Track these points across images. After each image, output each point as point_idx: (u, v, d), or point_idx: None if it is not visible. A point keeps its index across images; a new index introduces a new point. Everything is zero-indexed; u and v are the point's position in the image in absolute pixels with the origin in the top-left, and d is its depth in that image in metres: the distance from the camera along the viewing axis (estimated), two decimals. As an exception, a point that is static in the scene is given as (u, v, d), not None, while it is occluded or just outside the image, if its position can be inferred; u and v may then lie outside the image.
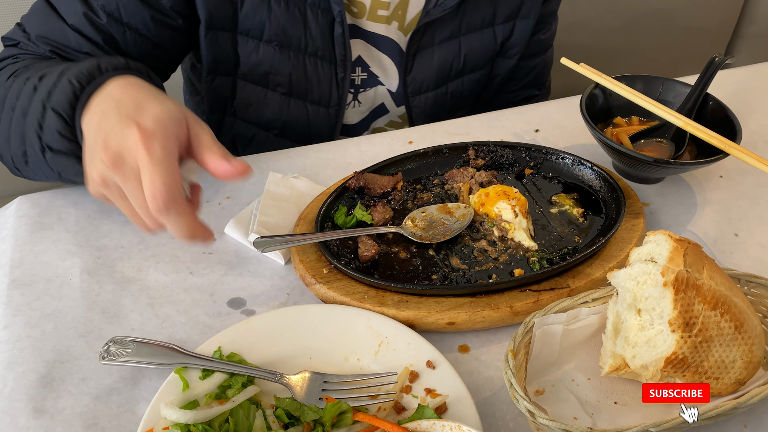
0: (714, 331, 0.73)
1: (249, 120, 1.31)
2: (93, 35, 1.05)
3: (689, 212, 1.09)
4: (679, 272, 0.72)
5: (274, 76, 1.22)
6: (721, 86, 1.21)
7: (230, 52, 1.19)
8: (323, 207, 1.01)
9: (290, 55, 1.19)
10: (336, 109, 1.27)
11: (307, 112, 1.27)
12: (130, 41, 1.08)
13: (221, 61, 1.21)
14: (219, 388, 0.78)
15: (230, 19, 1.15)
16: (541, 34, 1.40)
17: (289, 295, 0.94)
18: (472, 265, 0.95)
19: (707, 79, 1.12)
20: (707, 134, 1.04)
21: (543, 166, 1.11)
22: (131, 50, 1.09)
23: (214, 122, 1.33)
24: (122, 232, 1.01)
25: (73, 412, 0.79)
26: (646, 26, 2.34)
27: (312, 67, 1.21)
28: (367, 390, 0.79)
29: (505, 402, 0.82)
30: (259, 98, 1.26)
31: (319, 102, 1.26)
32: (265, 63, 1.20)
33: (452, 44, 1.27)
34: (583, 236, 1.00)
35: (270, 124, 1.30)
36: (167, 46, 1.14)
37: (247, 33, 1.17)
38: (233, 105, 1.29)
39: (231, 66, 1.22)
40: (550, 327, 0.80)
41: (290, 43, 1.18)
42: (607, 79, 1.12)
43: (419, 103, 1.31)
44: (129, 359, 0.81)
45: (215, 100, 1.29)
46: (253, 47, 1.18)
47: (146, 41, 1.10)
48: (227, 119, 1.32)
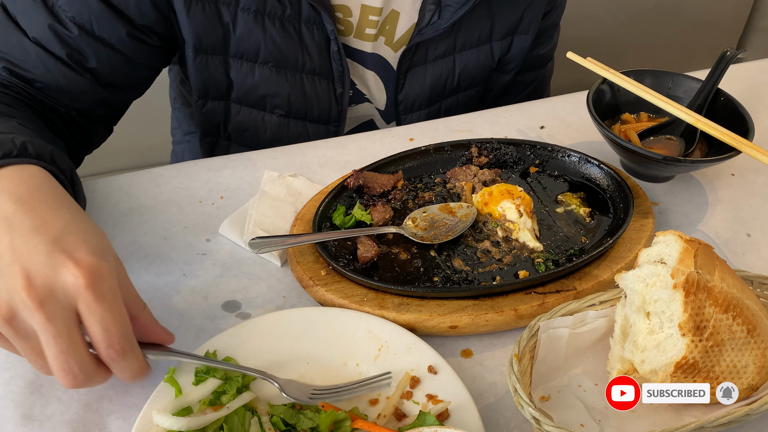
0: (726, 335, 0.73)
1: (246, 144, 1.29)
2: (57, 49, 1.01)
3: (700, 212, 1.09)
4: (689, 274, 0.72)
5: (272, 99, 1.20)
6: (733, 81, 1.21)
7: (221, 76, 1.17)
8: (321, 207, 1.01)
9: (287, 75, 1.17)
10: (336, 125, 1.26)
11: (307, 131, 1.26)
12: (102, 56, 1.04)
13: (212, 86, 1.19)
14: (213, 394, 0.78)
15: (221, 42, 1.13)
16: (540, 49, 1.38)
17: (286, 298, 0.94)
18: (475, 267, 0.95)
19: (719, 73, 1.12)
20: (718, 131, 1.04)
21: (548, 164, 1.11)
22: (102, 66, 1.05)
23: (207, 144, 1.32)
24: (113, 233, 1.01)
25: (62, 420, 0.79)
26: (655, 19, 2.34)
27: (310, 85, 1.19)
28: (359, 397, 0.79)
29: (509, 408, 0.82)
30: (256, 122, 1.24)
31: (319, 120, 1.25)
32: (261, 86, 1.18)
33: (446, 62, 1.25)
34: (590, 237, 1.00)
35: (268, 146, 1.28)
36: (143, 62, 1.11)
37: (240, 56, 1.14)
38: (227, 129, 1.27)
39: (223, 90, 1.20)
40: (556, 331, 0.80)
41: (287, 63, 1.16)
42: (615, 74, 1.12)
43: (411, 121, 1.30)
44: None
45: (207, 124, 1.27)
46: (248, 70, 1.16)
47: (119, 57, 1.06)
48: (221, 142, 1.31)
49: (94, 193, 1.08)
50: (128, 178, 1.11)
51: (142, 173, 1.13)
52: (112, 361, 0.71)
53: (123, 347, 0.70)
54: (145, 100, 1.23)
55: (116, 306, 0.70)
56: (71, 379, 0.70)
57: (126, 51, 1.07)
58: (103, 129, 1.16)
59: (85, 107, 1.08)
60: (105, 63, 1.06)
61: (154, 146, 2.00)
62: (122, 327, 0.70)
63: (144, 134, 2.03)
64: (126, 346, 0.70)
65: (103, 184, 1.09)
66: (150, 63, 1.14)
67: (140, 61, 1.11)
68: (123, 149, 1.93)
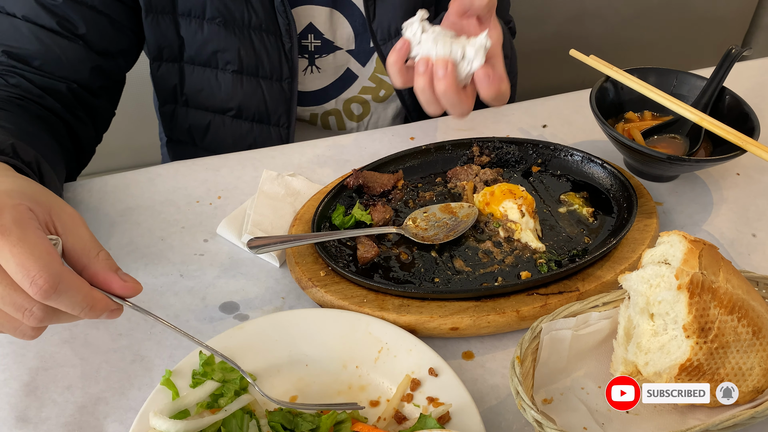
0: (731, 337, 0.73)
1: (202, 106, 1.31)
2: (47, 21, 1.07)
3: (704, 212, 1.09)
4: (694, 275, 0.72)
5: (222, 54, 1.23)
6: (738, 79, 1.21)
7: (173, 35, 1.21)
8: (320, 206, 1.01)
9: (235, 30, 1.20)
10: (289, 82, 1.26)
11: (261, 88, 1.27)
12: (89, 20, 1.10)
13: (165, 46, 1.22)
14: (211, 397, 0.78)
15: (169, 0, 1.17)
16: None
17: (285, 299, 0.94)
18: (477, 268, 0.95)
19: (723, 71, 1.12)
20: (723, 130, 1.04)
21: (551, 163, 1.11)
22: (91, 31, 1.11)
23: (166, 114, 1.34)
24: (109, 233, 1.01)
25: (58, 422, 0.79)
26: (659, 16, 2.34)
27: (259, 41, 1.21)
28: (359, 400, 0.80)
29: (511, 411, 0.82)
30: (209, 81, 1.26)
31: (271, 77, 1.25)
32: (211, 42, 1.21)
33: None
34: (593, 237, 1.00)
35: (224, 106, 1.30)
36: (125, 24, 1.16)
37: (188, 13, 1.19)
38: (183, 93, 1.30)
39: (176, 51, 1.23)
40: (559, 332, 0.80)
41: (233, 19, 1.19)
42: (619, 72, 1.12)
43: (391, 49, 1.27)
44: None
45: (164, 89, 1.30)
46: (197, 27, 1.20)
47: (104, 19, 1.12)
48: (179, 110, 1.33)
49: (90, 193, 1.08)
50: (124, 177, 1.12)
51: (138, 173, 1.13)
52: (46, 298, 0.64)
53: (49, 280, 0.63)
54: (139, 98, 1.24)
55: (26, 239, 0.64)
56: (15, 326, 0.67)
57: (109, 12, 1.13)
58: (107, 103, 1.21)
59: (84, 77, 1.13)
60: (93, 27, 1.11)
61: (150, 146, 2.00)
62: (41, 259, 0.63)
63: (140, 133, 2.03)
64: (52, 278, 0.63)
65: (98, 184, 1.10)
66: (132, 26, 1.19)
67: (124, 23, 1.16)
68: (119, 148, 1.92)
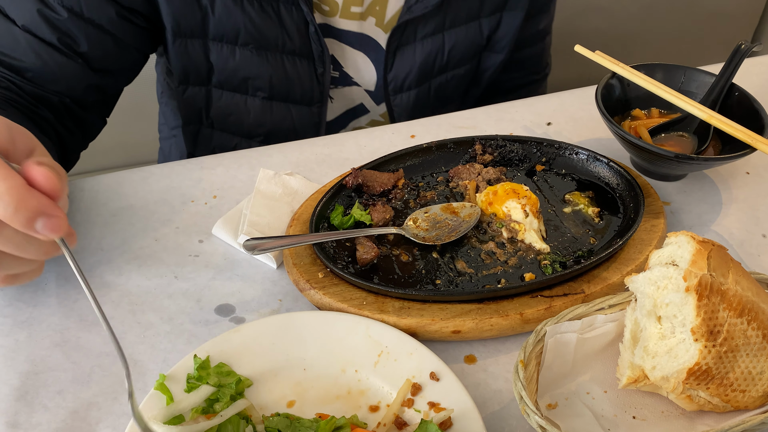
0: (740, 340, 0.73)
1: (229, 130, 1.32)
2: (47, 35, 1.04)
3: (713, 211, 1.09)
4: (702, 276, 0.72)
5: (254, 81, 1.24)
6: (748, 75, 1.21)
7: (201, 60, 1.21)
8: (318, 206, 1.01)
9: (268, 56, 1.21)
10: (319, 106, 1.29)
11: (290, 113, 1.29)
12: (93, 39, 1.07)
13: (192, 70, 1.22)
14: (206, 402, 0.78)
15: (200, 25, 1.16)
16: (537, 24, 1.40)
17: (282, 302, 0.94)
18: (479, 269, 0.95)
19: (733, 67, 1.12)
20: (733, 127, 1.04)
21: (555, 161, 1.11)
22: (93, 49, 1.08)
23: (189, 134, 1.34)
24: (102, 234, 1.01)
25: (49, 428, 0.79)
26: (666, 11, 2.35)
27: (291, 65, 1.22)
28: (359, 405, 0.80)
29: (514, 417, 0.82)
30: (238, 106, 1.27)
31: (302, 101, 1.28)
32: (242, 68, 1.21)
33: (435, 39, 1.28)
34: (599, 238, 1.00)
35: (252, 131, 1.32)
36: (131, 43, 1.14)
37: (220, 39, 1.18)
38: (209, 116, 1.30)
39: (203, 75, 1.23)
40: (564, 336, 0.80)
41: (267, 44, 1.19)
42: (625, 68, 1.12)
43: (401, 101, 1.33)
44: None
45: (189, 111, 1.30)
46: (229, 53, 1.19)
47: (109, 38, 1.10)
48: (204, 131, 1.34)
49: (82, 192, 1.08)
50: (117, 177, 1.12)
51: (131, 172, 1.13)
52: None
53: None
54: (134, 96, 1.25)
55: None
56: None
57: (115, 31, 1.10)
58: (98, 117, 1.19)
59: (78, 94, 1.11)
60: (96, 46, 1.08)
61: (143, 144, 2.01)
62: None
63: (133, 131, 2.04)
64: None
65: (91, 183, 1.10)
66: (138, 45, 1.17)
67: (129, 43, 1.14)
68: (111, 147, 1.93)
